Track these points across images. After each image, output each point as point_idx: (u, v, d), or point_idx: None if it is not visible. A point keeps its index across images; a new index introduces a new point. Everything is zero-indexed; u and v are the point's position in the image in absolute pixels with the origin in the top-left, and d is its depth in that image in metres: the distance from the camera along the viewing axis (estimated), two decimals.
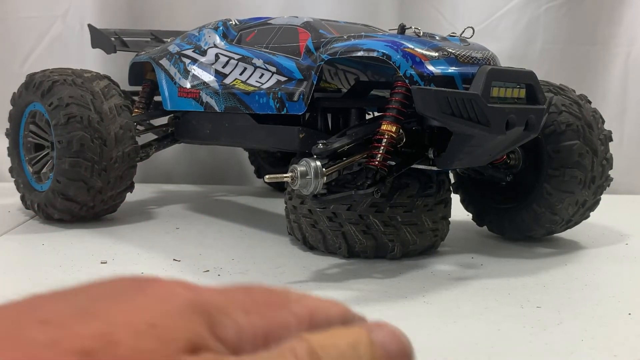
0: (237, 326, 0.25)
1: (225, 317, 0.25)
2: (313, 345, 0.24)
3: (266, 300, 0.27)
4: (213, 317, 0.24)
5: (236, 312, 0.25)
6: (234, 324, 0.25)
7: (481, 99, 1.12)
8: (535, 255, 1.39)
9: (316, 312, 0.28)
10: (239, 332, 0.25)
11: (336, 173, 1.18)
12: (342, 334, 0.26)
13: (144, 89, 1.87)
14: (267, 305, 0.27)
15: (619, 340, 0.92)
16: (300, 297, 0.29)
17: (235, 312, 0.25)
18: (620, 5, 2.29)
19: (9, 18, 2.29)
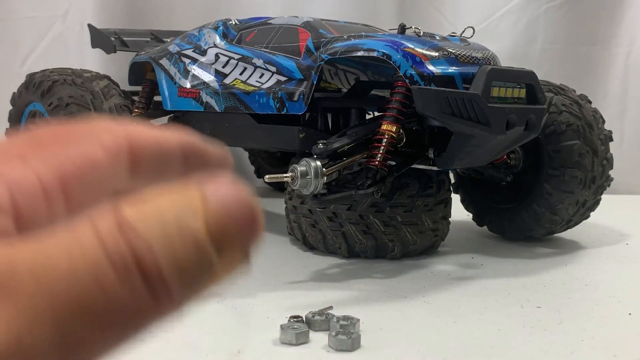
0: (8, 183, 0.19)
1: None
2: (124, 215, 0.17)
3: (57, 138, 0.20)
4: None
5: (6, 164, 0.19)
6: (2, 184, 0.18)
7: (481, 98, 1.12)
8: (535, 255, 1.39)
9: (138, 137, 0.22)
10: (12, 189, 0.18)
11: (336, 173, 1.18)
12: (166, 195, 0.18)
13: (144, 89, 1.86)
14: (58, 143, 0.20)
15: (619, 340, 0.92)
16: (115, 126, 0.22)
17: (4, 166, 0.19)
18: (620, 5, 2.29)
19: (9, 18, 2.29)
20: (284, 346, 0.86)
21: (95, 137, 0.21)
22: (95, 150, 0.20)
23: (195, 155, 0.24)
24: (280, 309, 0.99)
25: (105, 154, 0.21)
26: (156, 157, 0.22)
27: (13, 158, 0.19)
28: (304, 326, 0.88)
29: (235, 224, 0.20)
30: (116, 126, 0.22)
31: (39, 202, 0.19)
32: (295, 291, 1.10)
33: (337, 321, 0.89)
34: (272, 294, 1.08)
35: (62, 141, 0.20)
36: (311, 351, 0.85)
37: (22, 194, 0.19)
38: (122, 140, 0.21)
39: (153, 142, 0.22)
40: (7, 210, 0.18)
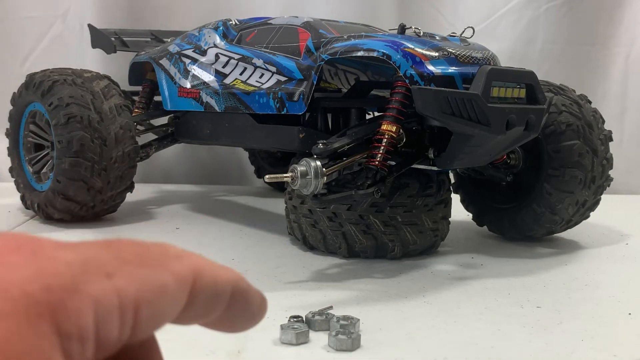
0: (94, 304, 0.19)
1: (77, 296, 0.19)
2: None
3: (136, 256, 0.22)
4: (59, 307, 0.18)
5: (92, 279, 0.20)
6: (89, 304, 0.19)
7: (481, 98, 1.12)
8: (535, 255, 1.39)
9: (202, 274, 0.23)
10: (97, 310, 0.19)
11: (336, 173, 1.18)
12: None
13: (144, 89, 1.86)
14: (138, 262, 0.21)
15: (619, 340, 0.92)
16: (182, 254, 0.23)
17: (91, 281, 0.19)
18: (620, 5, 2.29)
19: (9, 18, 2.29)
20: (284, 346, 0.86)
21: (169, 264, 0.22)
22: (168, 279, 0.22)
23: (241, 299, 0.25)
24: (280, 309, 0.99)
25: (175, 283, 0.22)
26: (212, 293, 0.24)
27: (100, 273, 0.20)
28: (304, 326, 0.88)
29: None
30: (187, 256, 0.23)
31: (115, 320, 0.20)
32: (295, 291, 1.10)
33: (337, 321, 0.89)
34: (272, 294, 1.08)
35: (142, 262, 0.22)
36: (311, 351, 0.85)
37: (103, 315, 0.20)
38: (189, 273, 0.23)
39: (212, 280, 0.24)
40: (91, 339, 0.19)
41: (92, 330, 0.19)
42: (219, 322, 0.25)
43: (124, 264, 0.21)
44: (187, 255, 0.23)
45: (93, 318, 0.19)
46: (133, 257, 0.21)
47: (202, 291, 0.23)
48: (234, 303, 0.25)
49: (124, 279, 0.20)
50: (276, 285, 1.14)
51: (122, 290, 0.20)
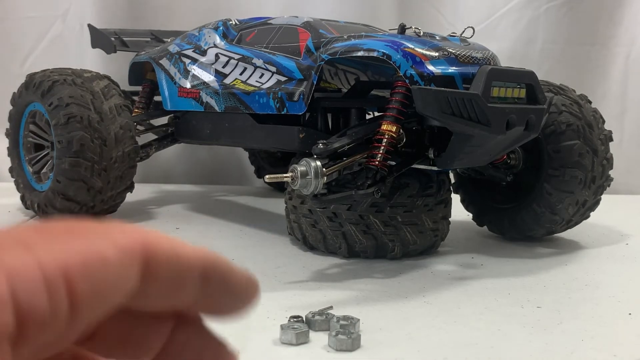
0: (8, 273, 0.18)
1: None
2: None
3: (68, 231, 0.20)
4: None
5: (10, 252, 0.18)
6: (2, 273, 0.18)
7: (481, 98, 1.12)
8: (535, 255, 1.39)
9: (156, 247, 0.21)
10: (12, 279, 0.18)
11: (336, 173, 1.18)
12: None
13: (144, 89, 1.86)
14: (67, 235, 0.19)
15: (619, 340, 0.92)
16: (130, 228, 0.21)
17: (7, 253, 0.18)
18: (620, 5, 2.29)
19: (9, 18, 2.29)
20: (284, 346, 0.86)
21: (109, 235, 0.20)
22: (106, 248, 0.20)
23: (217, 278, 0.23)
24: (280, 309, 0.99)
25: (116, 253, 0.20)
26: (173, 270, 0.22)
27: (18, 245, 0.18)
28: (304, 326, 0.88)
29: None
30: (134, 230, 0.21)
31: (40, 292, 0.18)
32: (295, 291, 1.10)
33: (337, 321, 0.89)
34: (272, 294, 1.08)
35: (73, 235, 0.20)
36: (311, 351, 0.85)
37: (21, 283, 0.18)
38: (136, 245, 0.21)
39: (171, 254, 0.21)
40: (7, 302, 0.18)
41: (9, 299, 0.18)
42: (201, 306, 0.24)
43: (49, 237, 0.19)
44: (137, 230, 0.21)
45: (7, 288, 0.18)
46: (62, 233, 0.20)
47: (159, 266, 0.21)
48: (209, 284, 0.23)
49: (46, 252, 0.18)
50: (276, 285, 1.14)
51: (43, 260, 0.18)
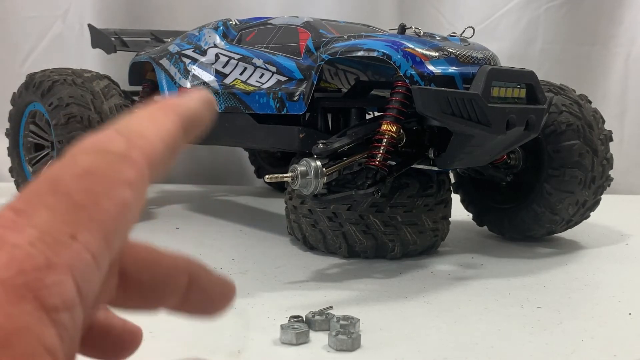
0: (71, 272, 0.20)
1: (52, 271, 0.19)
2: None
3: (86, 190, 0.21)
4: (39, 285, 0.19)
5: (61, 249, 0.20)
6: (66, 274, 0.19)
7: (481, 98, 1.12)
8: (535, 255, 1.39)
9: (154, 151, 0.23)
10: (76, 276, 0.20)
11: (336, 173, 1.18)
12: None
13: (144, 89, 1.86)
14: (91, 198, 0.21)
15: (619, 340, 0.92)
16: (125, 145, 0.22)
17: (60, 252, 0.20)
18: (620, 5, 2.29)
19: (9, 18, 2.29)
20: (284, 346, 0.86)
21: (119, 174, 0.21)
22: (125, 194, 0.21)
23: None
24: (280, 309, 0.99)
25: (133, 192, 0.22)
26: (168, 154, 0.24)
27: (65, 238, 0.20)
28: (304, 326, 0.88)
29: None
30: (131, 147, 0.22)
31: (94, 272, 0.20)
32: (295, 291, 1.10)
33: (337, 321, 0.89)
34: (272, 294, 1.08)
35: (94, 197, 0.21)
36: (311, 351, 0.85)
37: (82, 275, 0.20)
38: (142, 166, 0.22)
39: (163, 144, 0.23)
40: (78, 303, 0.20)
41: (77, 295, 0.20)
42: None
43: (79, 211, 0.21)
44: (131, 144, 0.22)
45: (74, 284, 0.20)
46: (84, 196, 0.21)
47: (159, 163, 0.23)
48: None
49: (88, 231, 0.20)
50: (276, 285, 1.14)
51: (90, 244, 0.20)
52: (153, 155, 0.23)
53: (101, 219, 0.21)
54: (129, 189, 0.22)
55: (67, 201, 0.21)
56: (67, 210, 0.21)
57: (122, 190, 0.22)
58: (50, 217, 0.20)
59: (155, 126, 0.24)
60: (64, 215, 0.20)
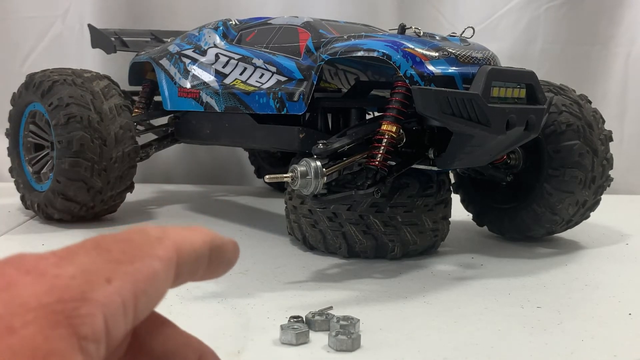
0: (103, 308, 0.22)
1: (87, 304, 0.21)
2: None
3: (124, 252, 0.24)
4: (74, 314, 0.21)
5: (96, 287, 0.22)
6: (98, 309, 0.22)
7: (481, 98, 1.12)
8: (535, 255, 1.39)
9: (182, 247, 0.26)
10: (105, 313, 0.22)
11: (336, 173, 1.18)
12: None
13: (144, 89, 1.86)
14: (127, 258, 0.24)
15: (619, 340, 0.92)
16: (161, 234, 0.26)
17: (95, 288, 0.22)
18: (620, 5, 2.29)
19: (9, 18, 2.29)
20: (284, 346, 0.86)
21: (154, 250, 0.25)
22: (155, 264, 0.24)
23: (217, 252, 0.28)
24: (280, 309, 0.99)
25: (163, 267, 0.25)
26: (193, 262, 0.27)
27: (101, 279, 0.22)
28: (304, 326, 0.88)
29: None
30: (165, 237, 0.26)
31: (121, 318, 0.23)
32: (295, 291, 1.10)
33: (337, 321, 0.89)
34: (272, 294, 1.08)
35: (130, 257, 0.24)
36: (311, 351, 0.85)
37: (111, 317, 0.22)
38: (173, 253, 0.25)
39: (191, 250, 0.26)
40: (104, 339, 0.22)
41: (104, 331, 0.22)
42: (201, 277, 0.28)
43: (116, 264, 0.23)
44: (166, 235, 0.26)
45: (103, 321, 0.22)
46: (121, 255, 0.24)
47: (185, 263, 0.26)
48: (213, 259, 0.28)
49: (121, 280, 0.23)
50: (276, 285, 1.14)
51: (122, 291, 0.23)
52: (182, 252, 0.26)
53: (133, 276, 0.23)
54: (160, 262, 0.25)
55: (107, 255, 0.24)
56: (105, 260, 0.23)
57: (154, 261, 0.24)
58: (90, 261, 0.23)
59: (189, 234, 0.27)
60: (103, 263, 0.23)
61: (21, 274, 0.21)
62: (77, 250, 0.24)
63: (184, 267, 0.26)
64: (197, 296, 1.06)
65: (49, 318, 0.20)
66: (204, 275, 0.28)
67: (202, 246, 0.27)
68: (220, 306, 1.01)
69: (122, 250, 0.24)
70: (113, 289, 0.22)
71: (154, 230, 0.26)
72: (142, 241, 0.25)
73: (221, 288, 1.10)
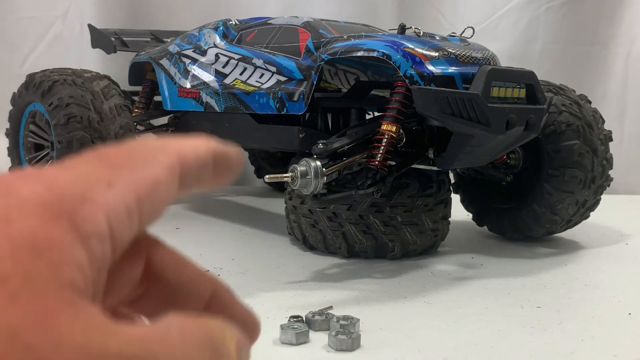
0: (105, 209, 0.21)
1: (88, 203, 0.21)
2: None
3: (125, 159, 0.24)
4: (75, 212, 0.21)
5: (97, 190, 0.22)
6: (100, 209, 0.21)
7: (481, 98, 1.12)
8: (535, 255, 1.39)
9: (185, 155, 0.25)
10: (108, 214, 0.21)
11: (336, 173, 1.18)
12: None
13: (144, 89, 1.86)
14: (129, 164, 0.23)
15: (619, 340, 0.92)
16: (162, 143, 0.26)
17: (96, 191, 0.22)
18: (620, 5, 2.29)
19: (9, 18, 2.29)
20: (284, 346, 0.86)
21: (155, 158, 0.24)
22: (157, 170, 0.24)
23: (221, 158, 0.28)
24: (280, 309, 0.99)
25: (166, 173, 0.24)
26: (198, 170, 0.26)
27: (101, 183, 0.22)
28: (304, 326, 0.88)
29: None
30: (167, 146, 0.25)
31: (125, 223, 0.22)
32: (295, 291, 1.10)
33: (337, 321, 0.89)
34: (272, 294, 1.08)
35: (132, 163, 0.23)
36: (311, 351, 0.85)
37: (114, 218, 0.22)
38: (175, 160, 0.25)
39: (195, 157, 0.26)
40: (107, 238, 0.21)
41: (107, 230, 0.21)
42: (207, 185, 0.28)
43: (118, 170, 0.23)
44: (167, 144, 0.25)
45: (105, 221, 0.21)
46: (123, 161, 0.23)
47: (189, 171, 0.25)
48: (217, 166, 0.27)
49: (123, 185, 0.22)
50: (276, 285, 1.14)
51: (124, 194, 0.22)
52: (185, 158, 0.25)
53: (135, 181, 0.23)
54: (162, 168, 0.24)
55: (108, 161, 0.23)
56: (106, 166, 0.23)
57: (157, 168, 0.24)
58: (90, 168, 0.23)
59: (191, 142, 0.26)
60: (104, 169, 0.23)
61: (19, 180, 0.21)
62: (77, 161, 0.23)
63: (189, 174, 0.26)
64: None
65: (49, 213, 0.20)
66: (210, 181, 0.28)
67: (206, 152, 0.27)
68: None
69: (123, 155, 0.24)
70: (114, 193, 0.22)
71: (155, 141, 0.26)
72: (143, 149, 0.25)
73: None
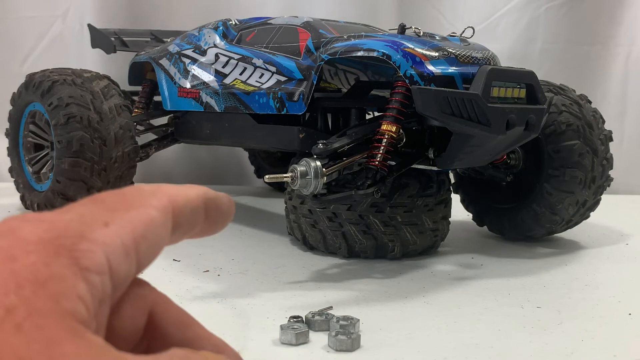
0: (103, 246, 0.22)
1: (87, 241, 0.22)
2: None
3: (119, 202, 0.25)
4: (74, 248, 0.22)
5: (95, 229, 0.23)
6: (98, 246, 0.22)
7: (481, 98, 1.12)
8: (535, 255, 1.39)
9: (176, 198, 0.26)
10: (106, 251, 0.22)
11: (336, 173, 1.18)
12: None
13: (144, 89, 1.86)
14: (124, 207, 0.25)
15: (619, 340, 0.92)
16: (154, 188, 0.27)
17: (94, 230, 0.23)
18: (620, 5, 2.29)
19: (9, 18, 2.29)
20: (284, 346, 0.86)
21: (148, 201, 0.25)
22: (151, 211, 0.25)
23: (212, 204, 0.29)
24: (280, 309, 0.99)
25: (160, 214, 0.25)
26: (189, 213, 0.27)
27: (99, 223, 0.23)
28: (304, 326, 0.88)
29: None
30: (158, 190, 0.27)
31: (123, 259, 0.23)
32: (295, 291, 1.10)
33: (337, 321, 0.89)
34: (272, 294, 1.08)
35: (127, 205, 0.25)
36: (311, 351, 0.85)
37: (112, 255, 0.23)
38: (167, 202, 0.26)
39: (186, 201, 0.27)
40: (107, 273, 0.22)
41: (106, 265, 0.22)
42: (202, 232, 0.29)
43: (114, 211, 0.24)
44: (159, 188, 0.27)
45: (104, 256, 0.22)
46: (118, 204, 0.25)
47: (182, 213, 0.26)
48: (209, 212, 0.29)
49: (119, 224, 0.24)
50: (276, 285, 1.14)
51: (121, 233, 0.23)
52: (177, 202, 0.26)
53: (131, 221, 0.24)
54: (155, 210, 0.25)
55: (103, 204, 0.24)
56: (103, 209, 0.24)
57: (151, 209, 0.25)
58: (88, 210, 0.24)
59: (182, 188, 0.28)
60: (100, 211, 0.24)
61: (21, 222, 0.22)
62: (74, 205, 0.24)
63: (181, 218, 0.27)
64: (197, 296, 1.06)
65: (50, 250, 0.21)
66: (203, 229, 0.29)
67: (196, 198, 0.28)
68: (220, 306, 1.01)
69: (117, 200, 0.25)
70: (111, 231, 0.23)
71: (147, 186, 0.27)
72: (135, 194, 0.26)
73: (221, 288, 1.10)
